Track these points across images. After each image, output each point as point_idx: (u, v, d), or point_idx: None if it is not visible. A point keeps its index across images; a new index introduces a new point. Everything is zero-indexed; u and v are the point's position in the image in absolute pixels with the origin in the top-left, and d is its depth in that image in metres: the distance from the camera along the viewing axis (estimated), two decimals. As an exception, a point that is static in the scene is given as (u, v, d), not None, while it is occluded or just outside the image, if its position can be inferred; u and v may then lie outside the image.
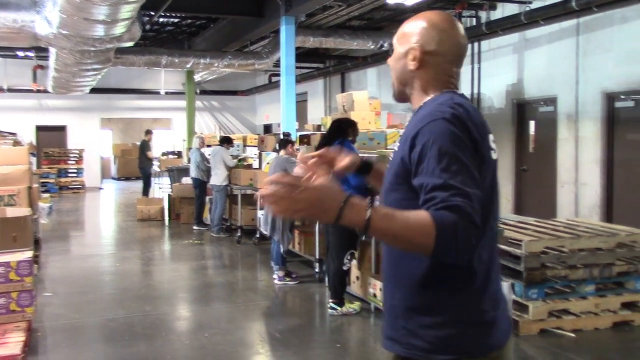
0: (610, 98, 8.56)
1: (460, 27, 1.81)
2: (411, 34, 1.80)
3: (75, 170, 19.27)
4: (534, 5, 8.78)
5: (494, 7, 10.46)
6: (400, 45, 1.83)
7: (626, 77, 8.20)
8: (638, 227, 5.91)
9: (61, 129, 20.30)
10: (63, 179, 18.97)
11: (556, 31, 9.29)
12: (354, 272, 6.17)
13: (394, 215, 1.50)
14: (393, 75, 1.87)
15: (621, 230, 5.59)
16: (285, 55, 10.20)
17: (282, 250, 6.94)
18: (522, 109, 10.33)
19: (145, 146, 14.57)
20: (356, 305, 5.83)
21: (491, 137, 1.72)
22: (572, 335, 5.04)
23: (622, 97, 8.42)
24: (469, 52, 11.19)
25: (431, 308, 1.66)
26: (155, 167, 15.86)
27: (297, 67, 10.87)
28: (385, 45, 12.60)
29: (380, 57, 12.78)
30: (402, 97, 1.87)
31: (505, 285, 4.89)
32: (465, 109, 1.65)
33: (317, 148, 6.11)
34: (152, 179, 15.37)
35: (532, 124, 10.21)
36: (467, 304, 1.65)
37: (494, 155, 1.70)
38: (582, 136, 8.93)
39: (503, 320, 1.73)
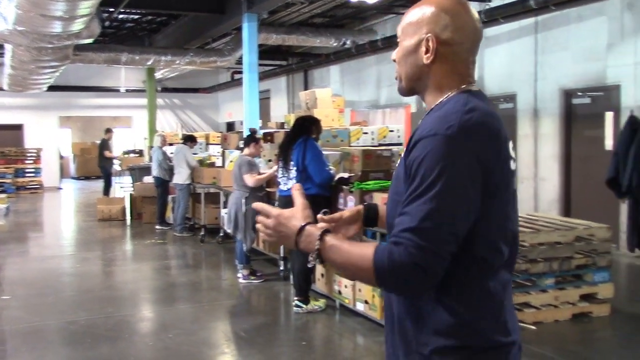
0: (568, 95, 8.76)
1: (473, 10, 1.61)
2: (420, 23, 1.58)
3: (33, 170, 18.83)
4: (493, 4, 8.92)
5: (454, 5, 10.58)
6: (409, 37, 1.61)
7: (582, 74, 8.39)
8: (595, 220, 6.06)
9: (18, 127, 19.81)
10: (20, 179, 18.52)
11: (515, 29, 9.46)
12: (319, 270, 6.18)
13: (341, 248, 1.50)
14: (401, 71, 1.63)
15: (579, 224, 5.72)
16: (248, 52, 10.14)
17: (245, 248, 6.91)
18: (482, 105, 10.47)
19: (104, 145, 14.34)
20: (321, 303, 5.85)
21: (510, 144, 1.55)
22: (533, 327, 5.14)
23: (579, 93, 8.62)
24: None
25: None
26: (117, 166, 15.62)
27: (259, 65, 10.82)
28: (348, 42, 12.64)
29: (343, 55, 12.82)
30: (411, 93, 1.67)
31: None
32: (480, 115, 1.47)
33: (281, 146, 6.10)
34: (113, 178, 15.13)
35: (492, 120, 10.35)
36: None
37: (512, 165, 1.54)
38: (541, 132, 9.11)
39: None
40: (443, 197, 1.39)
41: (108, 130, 14.79)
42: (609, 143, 8.22)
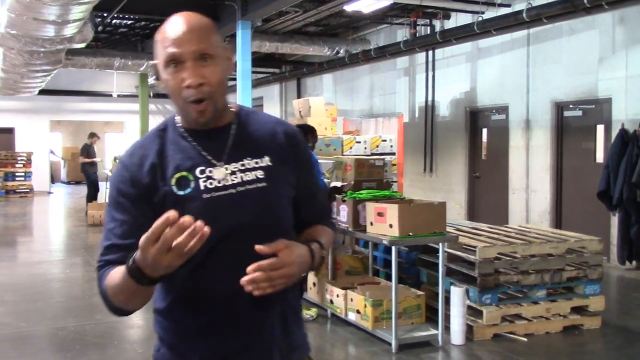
0: (560, 107, 8.81)
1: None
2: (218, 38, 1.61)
3: (23, 174, 18.70)
4: (486, 16, 8.97)
5: (447, 17, 10.65)
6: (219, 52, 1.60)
7: (574, 87, 8.45)
8: (586, 233, 6.09)
9: (8, 131, 19.67)
10: (10, 183, 18.38)
11: (508, 41, 9.51)
12: (311, 279, 6.16)
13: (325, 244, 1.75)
14: (211, 87, 1.57)
15: (570, 236, 5.74)
16: (242, 59, 10.14)
17: None
18: (475, 117, 10.53)
19: (84, 150, 14.06)
20: (313, 312, 5.82)
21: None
22: (524, 339, 5.14)
23: (571, 106, 8.68)
24: (423, 60, 11.43)
25: None
26: (107, 171, 15.51)
27: (253, 72, 10.83)
28: (341, 51, 12.67)
29: (336, 63, 12.84)
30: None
31: (460, 290, 4.96)
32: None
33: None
34: (102, 182, 15.00)
35: (484, 131, 10.41)
36: None
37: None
38: (532, 144, 9.15)
39: None
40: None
41: (92, 135, 14.44)
42: (600, 156, 8.28)
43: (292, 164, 1.68)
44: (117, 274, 1.49)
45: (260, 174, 1.61)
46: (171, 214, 1.29)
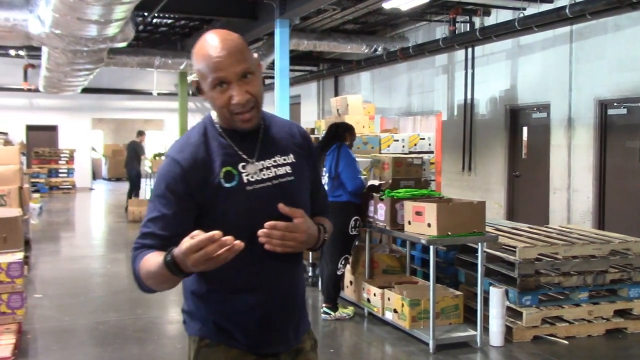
0: (603, 105, 8.60)
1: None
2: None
3: (65, 171, 19.15)
4: (527, 12, 8.80)
5: (487, 13, 10.49)
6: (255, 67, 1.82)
7: (619, 84, 8.24)
8: (629, 234, 5.94)
9: (52, 128, 20.16)
10: (53, 179, 18.85)
11: (550, 38, 9.33)
12: (348, 277, 6.15)
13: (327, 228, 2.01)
14: (255, 99, 1.81)
15: (614, 237, 5.60)
16: (280, 58, 10.16)
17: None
18: (515, 115, 10.36)
19: (131, 147, 14.21)
20: (349, 310, 5.81)
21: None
22: (565, 342, 5.04)
23: (615, 104, 8.46)
24: (462, 58, 11.29)
25: None
26: (147, 169, 15.73)
27: (290, 70, 10.84)
28: (379, 49, 12.61)
29: (373, 61, 12.78)
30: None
31: (499, 291, 4.89)
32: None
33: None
34: (143, 180, 15.22)
35: (525, 130, 10.23)
36: None
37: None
38: (575, 143, 8.96)
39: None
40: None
41: (140, 133, 14.73)
42: (645, 155, 8.05)
43: (308, 160, 1.96)
44: (152, 260, 1.68)
45: (288, 169, 1.87)
46: (217, 234, 1.51)
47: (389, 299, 5.40)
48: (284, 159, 1.87)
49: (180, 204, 1.76)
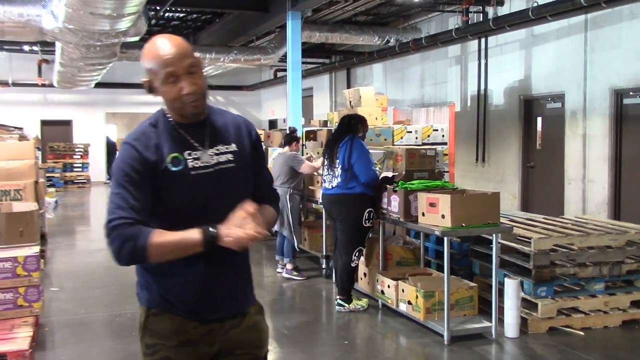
0: (619, 95, 8.51)
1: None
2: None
3: (80, 165, 19.30)
4: (541, 1, 8.72)
5: (501, 3, 10.40)
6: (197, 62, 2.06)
7: (635, 73, 8.14)
8: (647, 224, 5.87)
9: (66, 123, 20.31)
10: (68, 174, 19.00)
11: (564, 27, 9.24)
12: (362, 269, 6.15)
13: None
14: (202, 90, 2.05)
15: (631, 228, 5.55)
16: (292, 50, 10.16)
17: (295, 244, 7.00)
18: (529, 105, 10.28)
19: None
20: (364, 302, 5.82)
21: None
22: (581, 333, 5.01)
23: (631, 93, 8.37)
24: (475, 48, 11.21)
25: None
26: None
27: (302, 62, 10.83)
28: (391, 40, 12.55)
29: (386, 53, 12.73)
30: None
31: (514, 282, 4.87)
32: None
33: (327, 144, 6.10)
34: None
35: (539, 120, 10.16)
36: None
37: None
38: (590, 133, 8.88)
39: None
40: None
41: None
42: (662, 144, 7.96)
43: (252, 151, 2.18)
44: (171, 237, 1.92)
45: (230, 157, 2.10)
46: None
47: (403, 290, 5.40)
48: (227, 148, 2.10)
49: (142, 182, 1.98)
